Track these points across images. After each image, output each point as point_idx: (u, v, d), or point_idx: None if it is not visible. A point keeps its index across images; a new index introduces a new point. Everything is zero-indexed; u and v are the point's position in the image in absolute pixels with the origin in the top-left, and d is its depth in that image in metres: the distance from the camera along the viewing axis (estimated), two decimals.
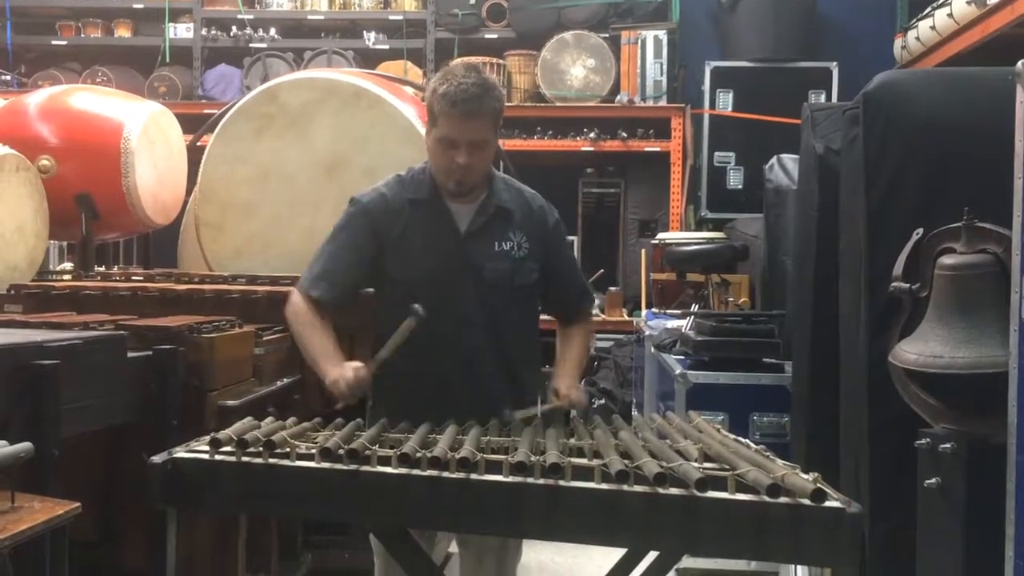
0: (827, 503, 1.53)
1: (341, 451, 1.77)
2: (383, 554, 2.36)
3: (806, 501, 1.54)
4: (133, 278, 4.17)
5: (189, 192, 4.75)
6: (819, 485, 1.55)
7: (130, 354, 2.58)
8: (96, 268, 4.92)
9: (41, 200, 4.10)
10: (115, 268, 5.81)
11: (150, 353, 2.65)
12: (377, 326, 2.42)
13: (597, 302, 6.67)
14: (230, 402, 2.82)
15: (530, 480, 1.67)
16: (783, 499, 1.55)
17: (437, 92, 2.28)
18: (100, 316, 3.04)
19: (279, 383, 3.26)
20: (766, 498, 1.55)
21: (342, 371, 2.20)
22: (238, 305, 3.52)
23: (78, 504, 1.94)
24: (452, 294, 2.35)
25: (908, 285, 2.37)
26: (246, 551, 2.93)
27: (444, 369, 2.29)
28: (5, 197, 3.85)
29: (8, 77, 6.96)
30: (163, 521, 2.63)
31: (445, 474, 1.71)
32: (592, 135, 6.60)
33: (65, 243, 6.05)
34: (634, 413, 5.33)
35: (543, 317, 2.59)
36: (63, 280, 4.01)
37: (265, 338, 3.27)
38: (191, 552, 2.92)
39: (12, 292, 3.59)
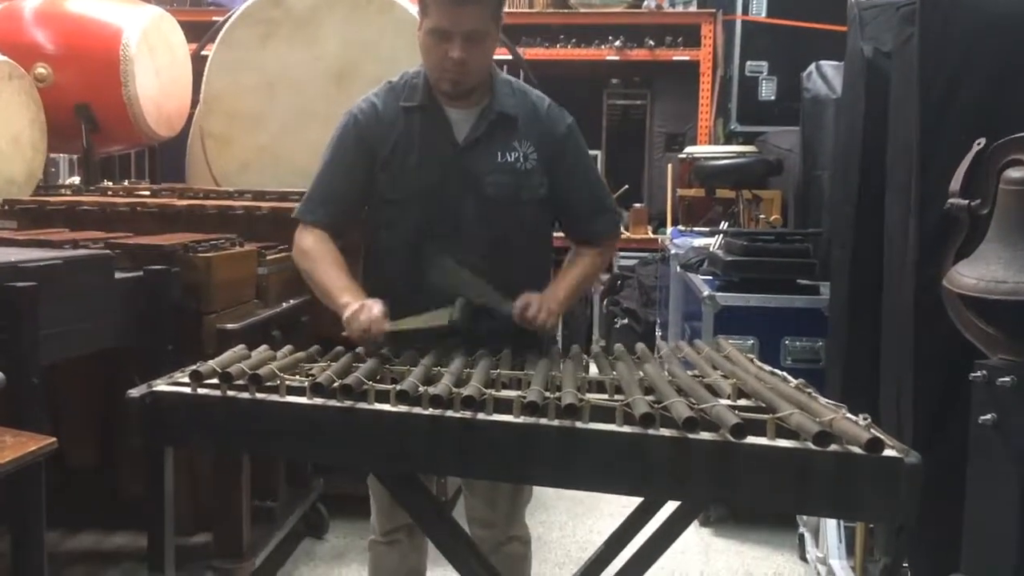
0: (884, 453, 1.34)
1: (335, 386, 1.60)
2: (380, 495, 2.21)
3: (857, 450, 1.35)
4: (137, 193, 4.02)
5: (196, 104, 4.55)
6: (874, 432, 1.36)
7: (119, 275, 2.43)
8: (105, 183, 4.76)
9: (38, 110, 3.91)
10: (124, 183, 5.67)
11: (141, 274, 2.49)
12: (366, 249, 2.22)
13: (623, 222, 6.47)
14: (230, 325, 2.68)
15: (543, 421, 1.49)
16: (831, 447, 1.37)
17: None
18: (94, 233, 2.89)
19: (285, 304, 3.11)
20: (811, 445, 1.36)
21: (358, 313, 1.95)
22: (242, 222, 3.37)
23: (54, 439, 1.79)
24: (449, 212, 2.11)
25: (967, 201, 2.14)
26: (252, 477, 2.81)
27: (440, 297, 2.03)
28: None
29: None
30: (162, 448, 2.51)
31: (448, 413, 1.53)
32: (618, 43, 6.33)
33: (75, 157, 5.89)
34: (658, 334, 5.18)
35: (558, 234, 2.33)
36: (60, 195, 3.83)
37: (269, 257, 3.12)
38: (192, 480, 2.81)
39: (6, 207, 3.44)
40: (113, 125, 4.29)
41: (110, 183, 4.94)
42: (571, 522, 3.69)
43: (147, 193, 4.04)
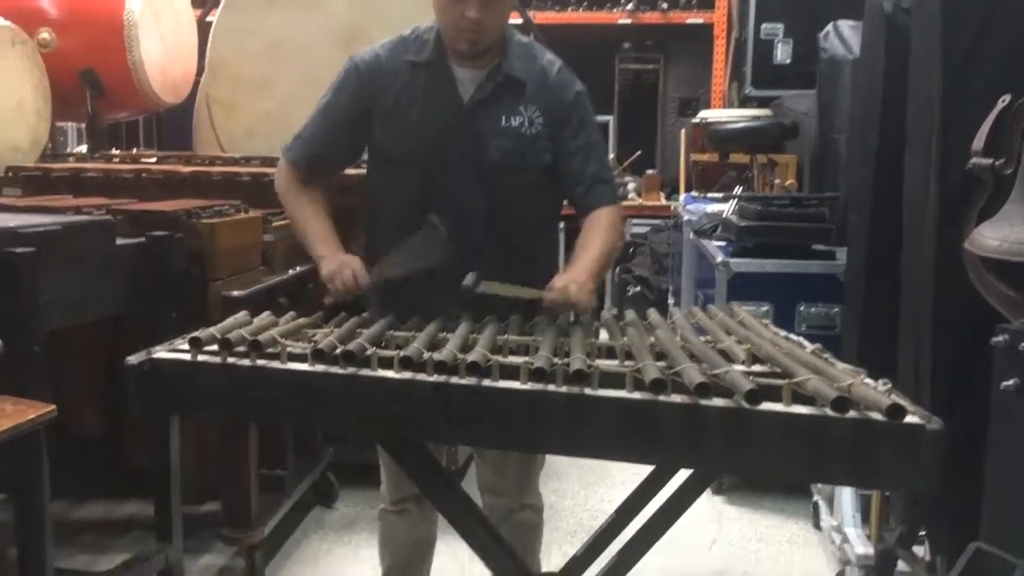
0: (905, 420, 1.29)
1: (337, 352, 1.55)
2: (390, 464, 2.17)
3: (877, 416, 1.30)
4: (143, 160, 3.97)
5: (202, 71, 4.50)
6: (895, 398, 1.30)
7: (120, 241, 2.38)
8: (114, 150, 4.71)
9: (41, 76, 3.86)
10: (133, 151, 5.62)
11: (143, 240, 2.44)
12: (366, 214, 2.17)
13: (633, 186, 6.39)
14: (235, 293, 2.64)
15: (551, 388, 1.44)
16: (850, 414, 1.31)
17: None
18: (97, 200, 2.85)
19: (291, 271, 3.07)
20: (829, 412, 1.31)
21: (339, 267, 1.94)
22: (249, 188, 3.32)
23: (53, 407, 1.76)
24: (449, 175, 2.05)
25: (991, 161, 2.08)
26: (260, 446, 2.78)
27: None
28: (1, 73, 3.61)
29: None
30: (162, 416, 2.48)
31: (454, 380, 1.49)
32: (630, 6, 6.22)
33: (83, 125, 5.84)
34: (670, 301, 5.12)
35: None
36: (65, 163, 3.79)
37: (275, 224, 3.07)
38: (198, 449, 2.79)
39: (10, 174, 3.40)
40: (118, 91, 4.24)
41: (117, 150, 4.90)
42: (583, 491, 3.66)
43: (152, 160, 4.00)
